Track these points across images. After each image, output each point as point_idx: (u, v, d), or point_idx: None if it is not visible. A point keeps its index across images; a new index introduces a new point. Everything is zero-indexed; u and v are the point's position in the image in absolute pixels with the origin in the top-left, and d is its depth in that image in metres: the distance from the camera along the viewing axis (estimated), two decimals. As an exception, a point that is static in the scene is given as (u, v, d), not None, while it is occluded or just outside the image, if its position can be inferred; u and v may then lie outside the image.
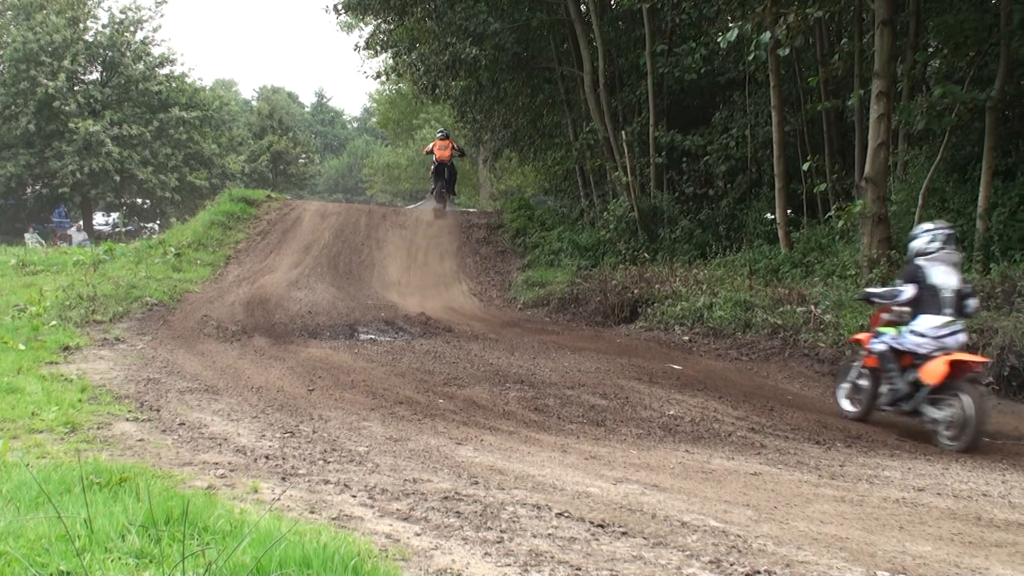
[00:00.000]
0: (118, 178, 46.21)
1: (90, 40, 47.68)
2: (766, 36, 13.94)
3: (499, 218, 25.57)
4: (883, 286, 10.07)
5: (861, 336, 10.04)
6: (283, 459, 6.48)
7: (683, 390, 10.34)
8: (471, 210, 31.96)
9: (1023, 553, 4.92)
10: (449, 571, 4.11)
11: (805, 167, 16.83)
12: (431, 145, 26.82)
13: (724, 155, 20.44)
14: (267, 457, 6.53)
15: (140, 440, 6.89)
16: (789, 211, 17.78)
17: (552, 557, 4.37)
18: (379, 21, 28.00)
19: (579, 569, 4.21)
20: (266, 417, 8.19)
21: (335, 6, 27.04)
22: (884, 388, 9.27)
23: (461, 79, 26.08)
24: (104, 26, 48.76)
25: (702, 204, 21.09)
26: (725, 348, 13.29)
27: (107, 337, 12.49)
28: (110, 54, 48.16)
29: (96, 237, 40.41)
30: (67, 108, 44.35)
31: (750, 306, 13.93)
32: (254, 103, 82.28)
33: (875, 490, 6.34)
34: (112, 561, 3.80)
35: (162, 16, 73.46)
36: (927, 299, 8.90)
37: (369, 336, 14.15)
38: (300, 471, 6.13)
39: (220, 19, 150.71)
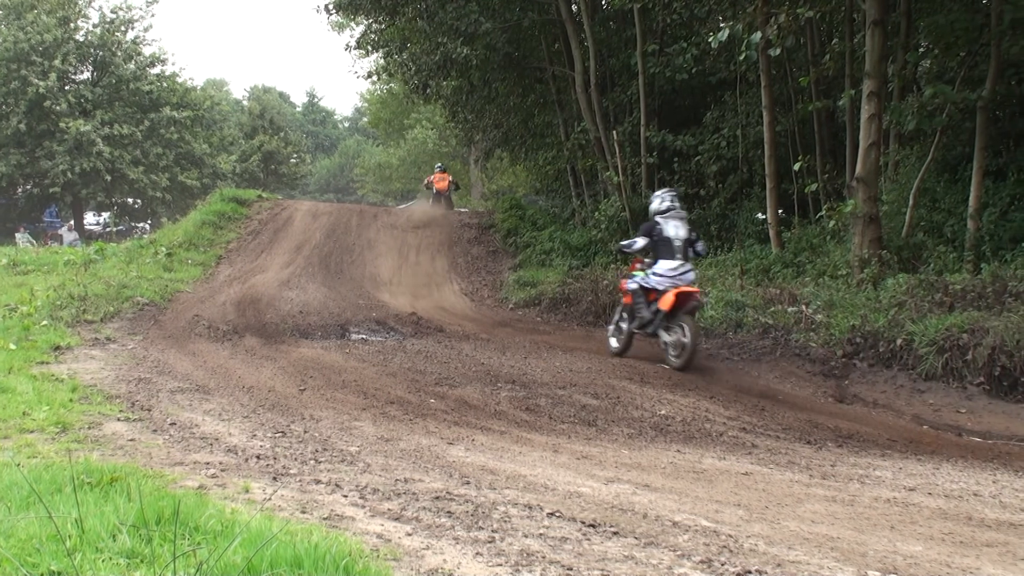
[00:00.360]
0: (109, 178, 46.12)
1: (81, 40, 47.61)
2: (757, 36, 13.95)
3: (490, 218, 25.54)
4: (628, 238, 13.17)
5: (622, 284, 12.87)
6: (274, 459, 6.47)
7: (674, 390, 10.35)
8: (462, 210, 31.97)
9: (1014, 553, 4.93)
10: (440, 571, 4.11)
11: (796, 167, 16.85)
12: (431, 178, 29.93)
13: (715, 155, 20.48)
14: (258, 457, 6.52)
15: (131, 440, 6.87)
16: (780, 211, 17.80)
17: (543, 557, 4.37)
18: (370, 21, 28.01)
19: (570, 569, 4.21)
20: (257, 417, 8.18)
21: (326, 6, 27.05)
22: (636, 319, 12.14)
23: (452, 79, 26.08)
24: (95, 26, 48.72)
25: (693, 204, 21.09)
26: (716, 348, 13.29)
27: (98, 337, 12.46)
28: (101, 54, 48.08)
29: (87, 237, 40.31)
30: (58, 108, 44.26)
31: (741, 306, 13.93)
32: (245, 103, 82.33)
33: (866, 490, 6.35)
34: (103, 561, 3.79)
35: (153, 16, 73.59)
36: (662, 247, 11.90)
37: (360, 336, 14.13)
38: (291, 471, 6.12)
39: (211, 19, 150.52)
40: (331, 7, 27.00)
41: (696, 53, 20.31)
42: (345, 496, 5.48)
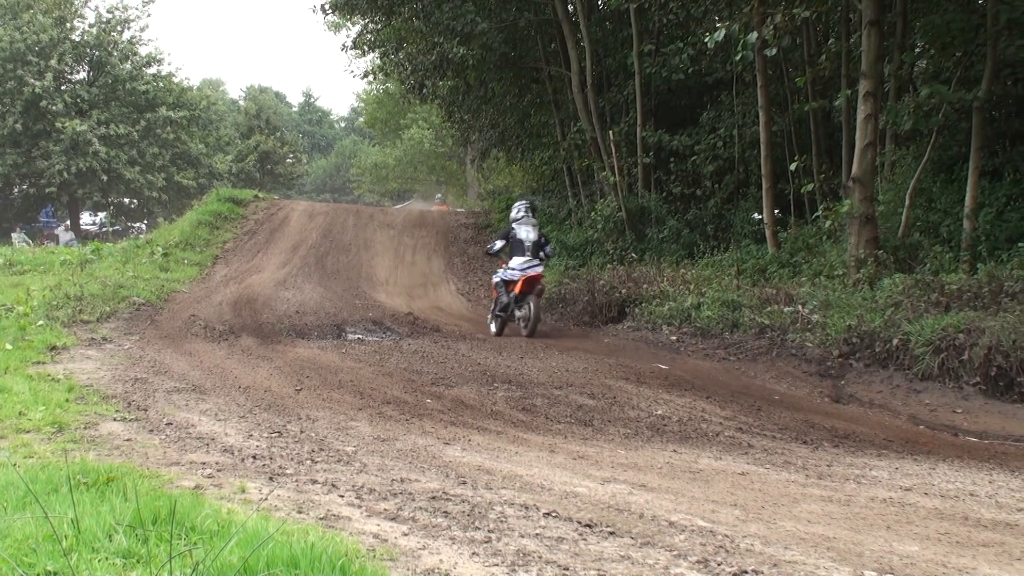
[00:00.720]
0: (105, 178, 46.11)
1: (77, 40, 47.57)
2: (753, 36, 13.96)
3: (487, 218, 25.58)
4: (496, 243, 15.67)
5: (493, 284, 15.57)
6: (271, 459, 6.46)
7: (671, 390, 10.33)
8: (459, 210, 32.01)
9: (1010, 553, 4.93)
10: (437, 571, 4.10)
11: (792, 167, 16.86)
12: (431, 210, 32.55)
13: (712, 155, 20.48)
14: (255, 457, 6.51)
15: (127, 440, 6.86)
16: (777, 211, 17.79)
17: (540, 557, 4.36)
18: (366, 21, 27.94)
19: (567, 569, 4.20)
20: (254, 417, 8.16)
21: (323, 6, 26.99)
22: (499, 304, 14.85)
23: (449, 79, 26.07)
24: (91, 26, 48.67)
25: (690, 204, 21.11)
26: (713, 348, 13.30)
27: (94, 337, 12.44)
28: (97, 54, 48.05)
29: (83, 237, 40.33)
30: (54, 108, 44.22)
31: (737, 306, 13.94)
32: (241, 103, 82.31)
33: (862, 490, 6.35)
34: (99, 561, 3.79)
35: (149, 16, 73.34)
36: (516, 248, 14.89)
37: (357, 336, 14.13)
38: (288, 471, 6.11)
39: (207, 19, 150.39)
40: (327, 7, 26.95)
41: (692, 53, 20.30)
42: (341, 496, 5.47)
